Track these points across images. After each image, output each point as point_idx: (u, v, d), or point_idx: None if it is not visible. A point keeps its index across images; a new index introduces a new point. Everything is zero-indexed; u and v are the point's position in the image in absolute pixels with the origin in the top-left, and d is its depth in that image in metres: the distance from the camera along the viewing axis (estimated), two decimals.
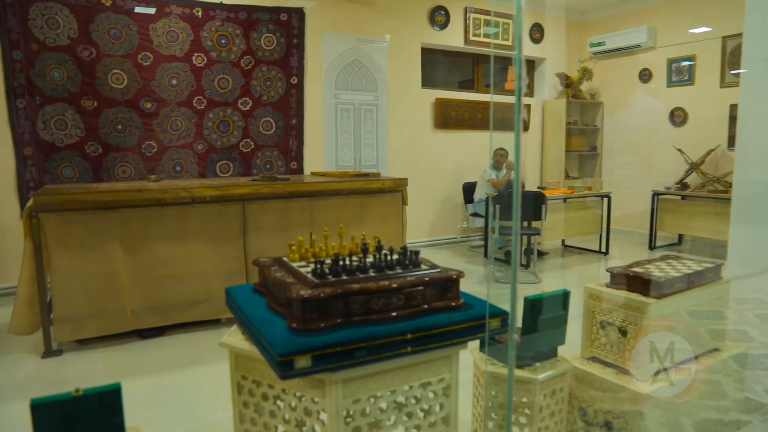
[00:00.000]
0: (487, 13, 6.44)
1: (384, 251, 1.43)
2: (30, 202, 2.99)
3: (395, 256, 1.45)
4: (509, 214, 4.82)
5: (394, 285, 1.29)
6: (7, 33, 4.21)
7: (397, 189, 4.08)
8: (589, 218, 5.67)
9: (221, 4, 4.96)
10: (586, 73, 6.74)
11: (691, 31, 6.04)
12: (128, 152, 4.72)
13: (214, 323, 3.57)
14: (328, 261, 1.41)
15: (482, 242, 6.43)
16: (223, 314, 3.50)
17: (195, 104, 4.95)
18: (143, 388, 2.69)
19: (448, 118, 6.38)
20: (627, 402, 1.85)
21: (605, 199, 5.69)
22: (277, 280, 1.37)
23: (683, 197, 5.72)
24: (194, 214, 3.39)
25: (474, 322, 1.34)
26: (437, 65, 6.56)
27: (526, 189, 5.59)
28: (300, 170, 5.53)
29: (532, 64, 7.17)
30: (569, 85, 6.81)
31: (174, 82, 4.84)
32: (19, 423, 2.36)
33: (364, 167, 5.93)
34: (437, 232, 6.48)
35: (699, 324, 1.99)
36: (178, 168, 4.94)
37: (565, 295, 1.82)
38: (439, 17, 6.16)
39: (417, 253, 1.46)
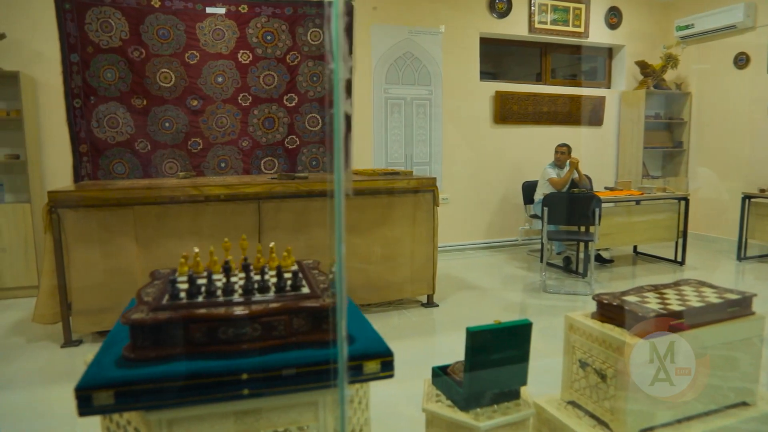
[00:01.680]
0: None
1: (257, 271, 1.23)
2: (48, 198, 3.11)
3: (273, 279, 1.24)
4: (560, 217, 4.37)
5: (249, 313, 1.09)
6: (66, 38, 4.47)
7: (426, 189, 3.81)
8: (663, 223, 5.01)
9: (267, 0, 4.95)
10: (669, 60, 5.98)
11: None
12: (175, 149, 4.85)
13: None
14: (184, 280, 1.24)
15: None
16: None
17: (240, 101, 4.99)
18: None
19: (509, 112, 5.95)
20: None
21: (683, 202, 5.00)
22: (139, 297, 1.22)
23: None
24: (208, 212, 3.38)
25: (344, 363, 1.10)
26: (498, 56, 6.15)
27: (579, 190, 5.05)
28: (347, 167, 5.41)
29: (609, 52, 6.50)
30: (650, 74, 6.09)
31: (220, 79, 4.91)
32: (25, 409, 2.47)
33: (415, 164, 5.70)
34: (496, 233, 6.08)
35: (716, 371, 1.57)
36: (222, 164, 5.01)
37: (524, 327, 1.50)
38: (499, 4, 5.75)
39: (297, 274, 1.24)
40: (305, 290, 1.21)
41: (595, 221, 4.16)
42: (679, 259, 5.04)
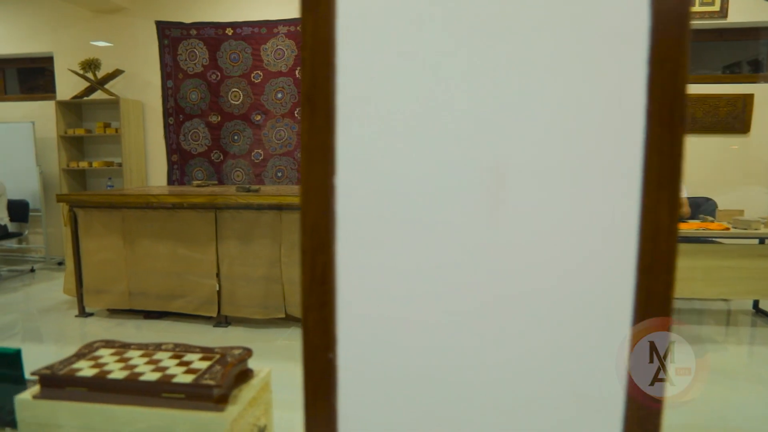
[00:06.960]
0: None
1: None
2: (57, 200, 3.98)
3: None
4: None
5: None
6: (164, 68, 5.49)
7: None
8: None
9: None
10: None
11: None
12: (241, 159, 5.49)
13: (208, 319, 3.93)
14: None
15: None
16: (201, 311, 3.83)
17: (296, 115, 5.35)
18: None
19: None
20: None
21: None
22: None
23: None
24: (176, 218, 3.82)
25: None
26: None
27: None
28: None
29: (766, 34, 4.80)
30: None
31: (279, 95, 5.35)
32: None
33: None
34: None
35: None
36: (279, 174, 5.46)
37: (10, 356, 1.42)
38: None
39: None
40: None
41: None
42: None
